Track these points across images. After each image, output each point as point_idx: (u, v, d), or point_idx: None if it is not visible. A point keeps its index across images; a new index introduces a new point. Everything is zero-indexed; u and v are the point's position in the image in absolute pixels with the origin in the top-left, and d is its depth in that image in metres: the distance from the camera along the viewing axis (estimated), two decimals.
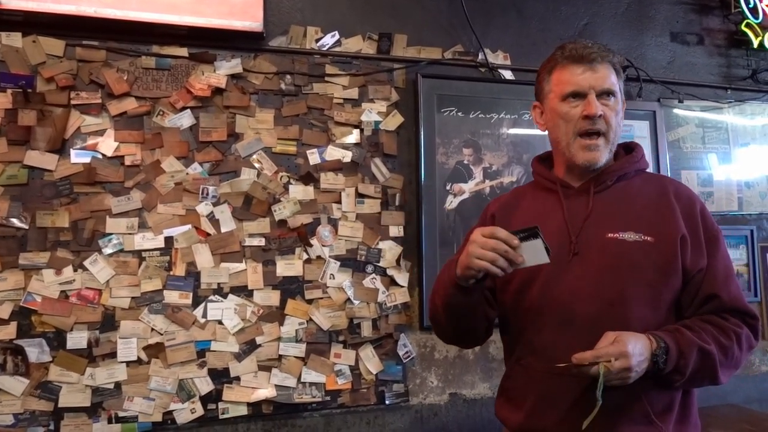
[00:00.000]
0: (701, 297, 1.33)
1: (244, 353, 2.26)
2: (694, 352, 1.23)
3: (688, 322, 1.31)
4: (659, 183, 1.44)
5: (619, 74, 1.41)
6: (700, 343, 1.24)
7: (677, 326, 1.29)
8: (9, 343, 2.04)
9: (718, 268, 1.34)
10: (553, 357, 1.31)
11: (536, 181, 1.55)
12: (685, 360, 1.22)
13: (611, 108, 1.36)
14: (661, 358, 1.21)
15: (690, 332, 1.26)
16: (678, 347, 1.22)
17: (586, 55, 1.36)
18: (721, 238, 1.38)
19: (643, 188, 1.41)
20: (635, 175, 1.44)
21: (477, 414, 2.53)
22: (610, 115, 1.36)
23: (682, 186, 1.45)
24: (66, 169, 2.16)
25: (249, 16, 2.30)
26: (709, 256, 1.34)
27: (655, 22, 3.04)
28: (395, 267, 2.46)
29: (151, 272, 2.20)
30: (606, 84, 1.36)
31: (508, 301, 1.47)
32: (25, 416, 2.04)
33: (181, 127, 2.28)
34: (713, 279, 1.33)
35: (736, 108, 3.10)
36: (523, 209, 1.51)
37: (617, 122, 1.38)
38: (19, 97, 2.11)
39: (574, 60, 1.37)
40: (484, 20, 2.72)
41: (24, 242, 2.09)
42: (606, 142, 1.37)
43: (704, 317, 1.32)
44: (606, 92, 1.36)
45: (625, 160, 1.44)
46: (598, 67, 1.36)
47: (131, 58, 2.26)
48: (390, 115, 2.52)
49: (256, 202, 2.33)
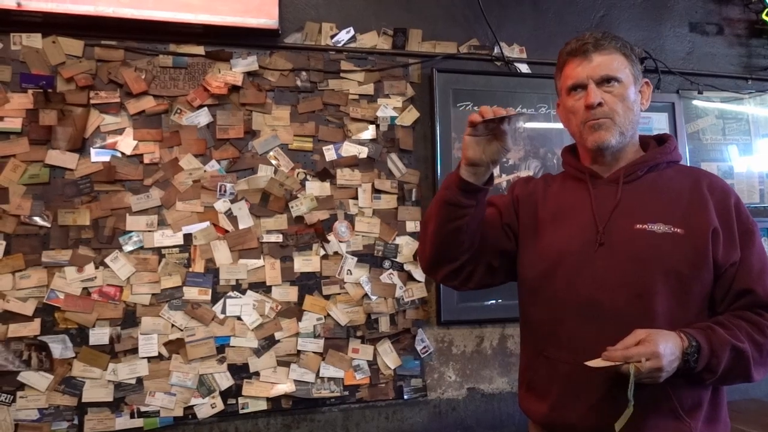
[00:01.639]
0: (735, 292, 1.29)
1: (263, 349, 2.28)
2: (727, 351, 1.20)
3: (721, 319, 1.27)
4: (692, 175, 1.40)
5: (629, 58, 1.39)
6: (733, 342, 1.20)
7: (709, 324, 1.25)
8: (33, 339, 2.08)
9: (752, 262, 1.30)
10: (578, 348, 1.30)
11: (566, 171, 1.54)
12: (717, 359, 1.19)
13: (614, 94, 1.35)
14: (693, 356, 1.18)
15: (723, 329, 1.22)
16: (710, 346, 1.19)
17: (580, 47, 1.37)
18: (756, 231, 1.33)
19: (675, 180, 1.38)
20: (667, 167, 1.41)
21: (495, 408, 2.53)
22: (613, 101, 1.35)
23: (717, 178, 1.40)
24: (86, 168, 2.19)
25: (264, 13, 2.31)
26: (744, 249, 1.30)
27: (674, 12, 2.99)
28: (412, 262, 2.46)
29: (170, 269, 2.22)
30: (603, 71, 1.35)
31: (530, 289, 1.46)
32: (49, 411, 2.07)
33: (198, 124, 2.30)
34: (747, 273, 1.29)
35: (757, 98, 3.05)
36: (550, 197, 1.50)
37: (625, 107, 1.36)
38: (39, 97, 2.14)
39: (571, 54, 1.39)
40: (500, 13, 2.70)
41: (46, 240, 2.13)
42: (613, 123, 1.35)
43: (738, 313, 1.28)
44: (606, 79, 1.35)
45: (657, 150, 1.42)
46: (594, 56, 1.36)
47: (149, 57, 2.28)
48: (406, 110, 2.51)
49: (274, 198, 2.34)
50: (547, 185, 1.54)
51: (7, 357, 2.06)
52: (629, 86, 1.37)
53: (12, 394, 2.05)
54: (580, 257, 1.34)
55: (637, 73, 1.41)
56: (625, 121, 1.36)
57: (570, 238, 1.38)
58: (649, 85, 1.44)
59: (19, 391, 2.06)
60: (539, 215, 1.48)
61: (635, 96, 1.39)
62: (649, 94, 1.44)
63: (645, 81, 1.44)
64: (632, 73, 1.39)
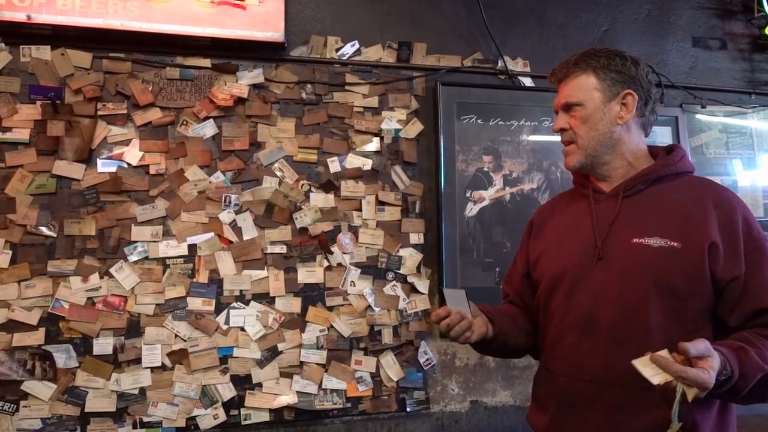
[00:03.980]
0: (749, 310, 1.24)
1: (266, 360, 2.28)
2: (756, 377, 1.16)
3: (749, 337, 1.21)
4: (701, 188, 1.37)
5: (601, 76, 1.39)
6: (764, 367, 1.15)
7: (741, 344, 1.18)
8: (38, 348, 2.09)
9: (766, 279, 1.26)
10: (576, 362, 1.31)
11: (574, 187, 1.57)
12: (745, 383, 1.15)
13: (577, 117, 1.40)
14: (722, 378, 1.11)
15: (754, 350, 1.16)
16: (741, 369, 1.13)
17: (552, 77, 1.48)
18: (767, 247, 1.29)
19: (680, 192, 1.36)
20: (676, 179, 1.39)
21: (498, 422, 2.52)
22: (576, 124, 1.41)
23: (727, 192, 1.37)
24: (93, 179, 2.20)
25: (270, 26, 2.34)
26: (756, 266, 1.26)
27: (677, 27, 3.01)
28: (416, 274, 2.46)
29: (174, 279, 2.23)
30: (564, 99, 1.43)
31: (540, 305, 1.49)
32: (52, 421, 2.08)
33: (204, 136, 2.32)
34: (763, 292, 1.25)
35: (761, 113, 3.05)
36: (556, 216, 1.54)
37: (587, 128, 1.40)
38: (47, 108, 2.17)
39: (552, 83, 1.50)
40: (504, 27, 2.73)
41: (52, 250, 2.14)
42: (577, 147, 1.42)
43: (760, 331, 1.23)
44: (566, 105, 1.43)
45: (659, 163, 1.40)
46: (562, 86, 1.45)
47: (156, 69, 2.30)
48: (410, 123, 2.53)
49: (278, 209, 2.35)
50: (553, 207, 1.59)
51: (11, 366, 2.06)
52: (595, 106, 1.39)
53: (15, 404, 2.05)
54: (580, 271, 1.36)
55: (613, 88, 1.38)
56: (589, 141, 1.40)
57: (571, 253, 1.40)
58: (633, 96, 1.39)
59: (22, 400, 2.06)
60: (547, 233, 1.52)
61: (603, 114, 1.38)
62: (633, 104, 1.38)
63: (627, 92, 1.39)
64: (601, 90, 1.38)
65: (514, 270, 1.64)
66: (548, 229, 1.53)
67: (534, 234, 1.58)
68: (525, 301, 1.58)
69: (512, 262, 1.67)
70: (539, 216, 1.60)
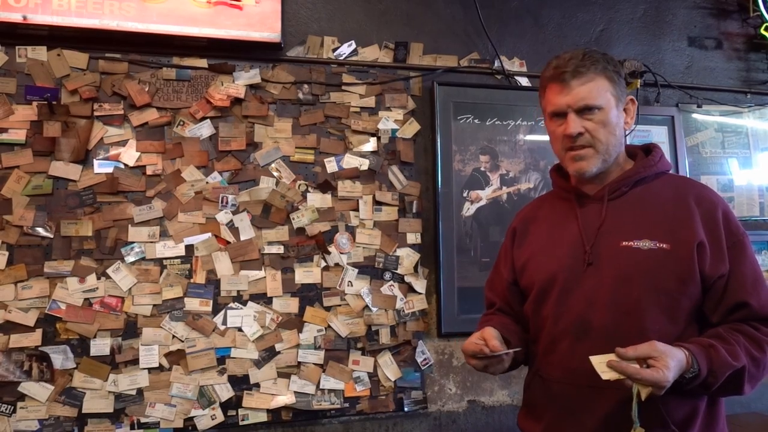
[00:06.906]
0: (729, 305, 1.27)
1: (263, 360, 2.28)
2: (726, 374, 1.17)
3: (722, 333, 1.24)
4: (680, 186, 1.38)
5: (612, 79, 1.35)
6: (733, 364, 1.17)
7: (711, 341, 1.21)
8: (34, 349, 2.09)
9: (745, 273, 1.28)
10: (570, 368, 1.31)
11: (555, 190, 1.56)
12: (715, 379, 1.17)
13: (595, 121, 1.33)
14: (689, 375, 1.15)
15: (724, 347, 1.19)
16: (710, 367, 1.16)
17: (559, 75, 1.34)
18: (747, 242, 1.32)
19: (662, 193, 1.37)
20: (656, 179, 1.40)
21: (496, 421, 2.52)
22: (595, 128, 1.33)
23: (705, 189, 1.38)
24: (89, 179, 2.20)
25: (267, 27, 2.34)
26: (735, 261, 1.28)
27: (673, 27, 3.02)
28: (413, 274, 2.46)
29: (172, 280, 2.23)
30: (582, 101, 1.32)
31: (529, 312, 1.48)
32: (50, 422, 2.07)
33: (200, 136, 2.32)
34: (741, 286, 1.27)
35: (756, 112, 3.07)
36: (540, 221, 1.52)
37: (606, 132, 1.34)
38: (44, 109, 2.16)
39: (552, 79, 1.37)
40: (500, 28, 2.73)
41: (49, 251, 2.14)
42: (595, 152, 1.34)
43: (735, 326, 1.25)
44: (585, 108, 1.33)
45: (641, 164, 1.40)
46: (574, 84, 1.33)
47: (152, 69, 2.30)
48: (407, 123, 2.53)
49: (275, 210, 2.35)
50: (535, 212, 1.56)
51: (8, 367, 2.06)
52: (611, 110, 1.34)
53: (12, 405, 2.05)
54: (570, 277, 1.35)
55: (621, 93, 1.37)
56: (608, 147, 1.35)
57: (560, 259, 1.39)
58: (634, 102, 1.42)
59: (19, 401, 2.06)
60: (533, 238, 1.51)
61: (617, 118, 1.36)
62: (634, 111, 1.41)
63: (629, 98, 1.41)
64: (615, 95, 1.35)
65: (497, 277, 1.62)
66: (533, 234, 1.51)
67: (518, 240, 1.55)
68: (514, 309, 1.56)
69: (493, 268, 1.66)
70: (521, 221, 1.57)
